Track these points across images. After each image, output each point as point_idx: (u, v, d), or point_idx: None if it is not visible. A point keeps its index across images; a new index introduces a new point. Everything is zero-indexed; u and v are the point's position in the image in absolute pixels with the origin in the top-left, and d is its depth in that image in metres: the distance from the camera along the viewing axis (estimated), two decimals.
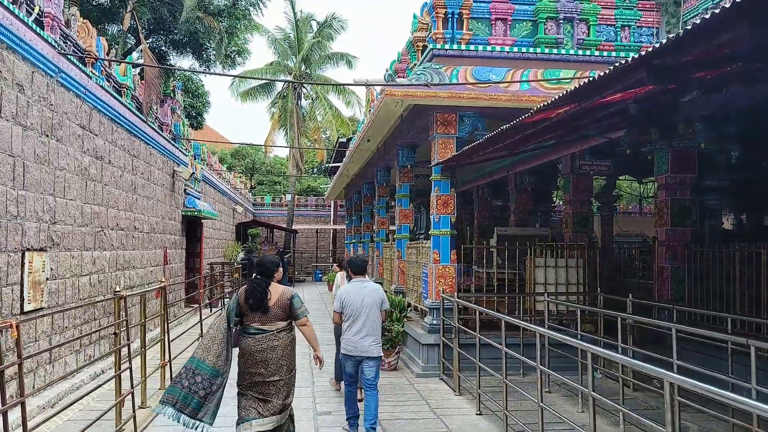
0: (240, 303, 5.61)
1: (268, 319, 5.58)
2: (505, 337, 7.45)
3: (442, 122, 10.17)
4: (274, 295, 5.61)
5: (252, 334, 5.55)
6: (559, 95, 5.84)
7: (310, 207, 42.06)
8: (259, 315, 5.56)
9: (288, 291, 5.73)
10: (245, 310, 5.60)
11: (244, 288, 5.71)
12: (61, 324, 8.64)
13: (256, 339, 5.53)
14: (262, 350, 5.51)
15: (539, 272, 10.56)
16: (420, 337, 9.98)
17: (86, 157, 9.66)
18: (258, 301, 5.55)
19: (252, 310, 5.56)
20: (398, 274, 13.58)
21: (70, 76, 8.80)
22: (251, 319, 5.57)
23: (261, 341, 5.52)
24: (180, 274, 17.16)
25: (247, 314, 5.59)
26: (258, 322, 5.57)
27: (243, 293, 5.64)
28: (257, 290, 5.58)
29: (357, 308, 6.68)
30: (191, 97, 21.12)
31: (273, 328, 5.58)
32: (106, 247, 10.66)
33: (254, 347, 5.50)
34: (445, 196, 10.26)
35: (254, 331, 5.56)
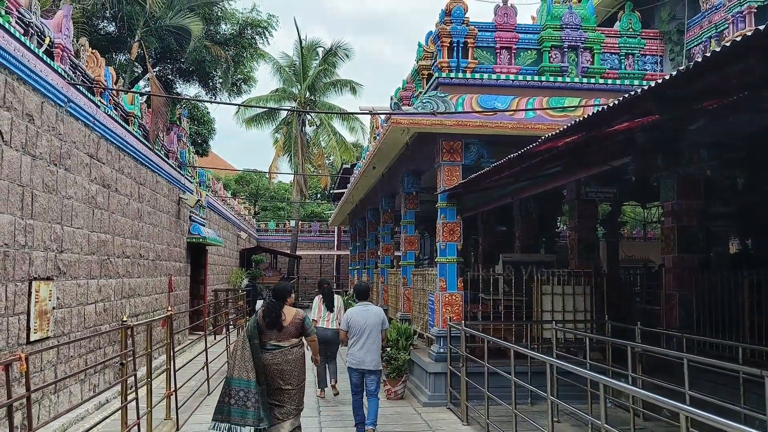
0: (259, 323, 6.58)
1: (283, 337, 6.57)
2: (514, 365, 7.38)
3: (447, 150, 10.20)
4: (288, 316, 6.63)
5: (269, 350, 6.50)
6: (567, 125, 5.88)
7: (313, 233, 42.11)
8: (275, 333, 6.55)
9: (300, 313, 6.80)
10: (263, 328, 6.56)
11: (262, 309, 6.72)
12: (67, 353, 8.60)
13: (273, 354, 6.49)
14: (278, 363, 6.47)
15: (546, 299, 10.51)
16: (427, 366, 9.91)
17: (93, 186, 9.70)
18: (273, 321, 6.53)
19: (269, 329, 6.54)
20: (404, 301, 13.52)
21: (79, 105, 8.87)
22: (268, 336, 6.55)
23: (277, 355, 6.50)
24: (185, 301, 17.13)
25: (265, 332, 6.55)
26: (274, 339, 6.55)
27: (261, 314, 6.65)
28: (273, 312, 6.58)
29: (360, 328, 7.77)
30: (197, 125, 21.25)
31: (287, 344, 6.57)
32: (112, 275, 10.66)
33: (272, 360, 6.45)
34: (451, 224, 10.26)
35: (271, 347, 6.52)
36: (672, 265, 10.17)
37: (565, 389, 8.78)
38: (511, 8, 10.76)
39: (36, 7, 7.86)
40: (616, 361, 9.54)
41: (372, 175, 15.22)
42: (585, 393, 8.68)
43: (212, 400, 9.92)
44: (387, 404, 9.84)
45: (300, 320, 6.70)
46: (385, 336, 8.49)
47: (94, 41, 14.89)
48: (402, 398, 10.21)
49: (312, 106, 37.51)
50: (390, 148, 11.69)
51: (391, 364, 10.22)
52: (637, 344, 8.02)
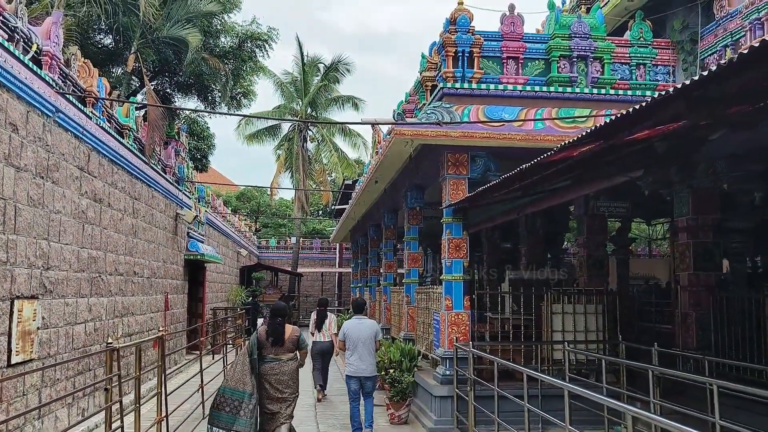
0: (260, 339, 7.40)
1: (282, 351, 7.41)
2: (527, 390, 6.93)
3: (453, 163, 9.81)
4: (287, 333, 7.48)
5: (268, 362, 7.34)
6: (577, 136, 5.49)
7: (315, 250, 41.65)
8: (275, 348, 7.38)
9: (296, 330, 7.69)
10: (264, 343, 7.38)
11: (263, 328, 7.59)
12: (53, 376, 8.16)
13: (272, 365, 7.33)
14: (276, 373, 7.31)
15: (556, 319, 10.06)
16: (432, 389, 9.44)
17: (84, 200, 9.31)
18: (277, 337, 7.38)
19: (271, 345, 7.37)
20: (407, 320, 13.06)
21: (68, 116, 8.50)
22: (268, 350, 7.37)
23: (275, 367, 7.34)
24: (182, 320, 16.67)
25: (266, 347, 7.37)
26: (273, 353, 7.37)
27: (263, 332, 7.49)
28: (278, 330, 7.41)
29: (355, 339, 8.71)
30: (196, 140, 20.92)
31: (285, 357, 7.42)
32: (104, 294, 10.23)
33: (270, 371, 7.30)
34: (457, 240, 9.84)
35: (270, 359, 7.36)
36: (688, 283, 9.74)
37: (579, 414, 8.31)
38: (517, 17, 10.41)
39: (23, 12, 7.52)
40: (630, 382, 9.11)
41: (374, 190, 14.82)
42: (600, 418, 8.22)
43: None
44: (390, 429, 9.36)
45: (296, 337, 7.59)
46: (379, 346, 9.25)
47: (90, 54, 14.57)
48: (406, 423, 9.73)
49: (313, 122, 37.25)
50: (393, 161, 11.29)
51: (394, 387, 9.75)
52: (657, 368, 7.54)
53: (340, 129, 37.23)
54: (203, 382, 10.20)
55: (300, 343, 7.59)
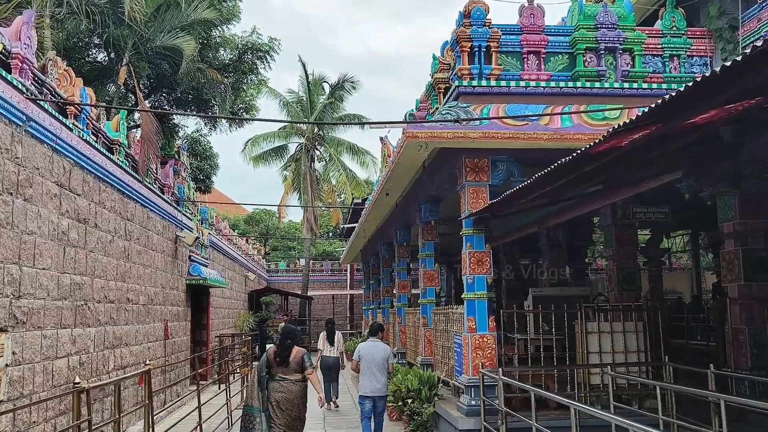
0: (269, 359, 8.03)
1: (288, 372, 7.94)
2: (557, 417, 5.92)
3: (472, 168, 8.86)
4: (293, 354, 7.99)
5: (278, 381, 7.92)
6: (633, 117, 4.55)
7: (325, 272, 40.66)
8: (283, 368, 7.94)
9: (301, 351, 8.15)
10: (273, 364, 7.99)
11: (273, 349, 8.21)
12: (27, 418, 7.19)
13: (280, 384, 7.90)
14: (283, 392, 7.86)
15: (592, 339, 9.02)
16: (456, 422, 8.40)
17: (65, 220, 8.41)
18: (284, 358, 7.95)
19: (278, 365, 7.94)
20: (424, 344, 12.04)
21: (43, 126, 7.63)
22: (276, 370, 7.95)
23: (283, 386, 7.89)
24: (184, 349, 15.70)
25: (274, 367, 7.97)
26: (281, 373, 7.94)
27: (272, 353, 8.10)
28: (285, 351, 7.99)
29: (369, 361, 9.14)
30: (199, 160, 20.10)
31: (292, 377, 7.95)
32: (91, 323, 9.29)
33: (279, 389, 7.86)
34: (480, 253, 8.86)
35: (279, 378, 7.93)
36: (738, 295, 8.70)
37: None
38: (537, 8, 9.52)
39: None
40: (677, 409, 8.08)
41: (385, 204, 13.88)
42: None
43: None
44: None
45: (301, 357, 8.05)
46: (392, 369, 9.75)
47: (81, 70, 13.80)
48: None
49: (320, 141, 36.50)
50: (405, 170, 10.36)
51: (414, 420, 8.75)
52: (726, 396, 6.47)
53: (348, 148, 36.41)
54: (202, 419, 9.20)
55: (303, 363, 8.08)
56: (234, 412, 11.89)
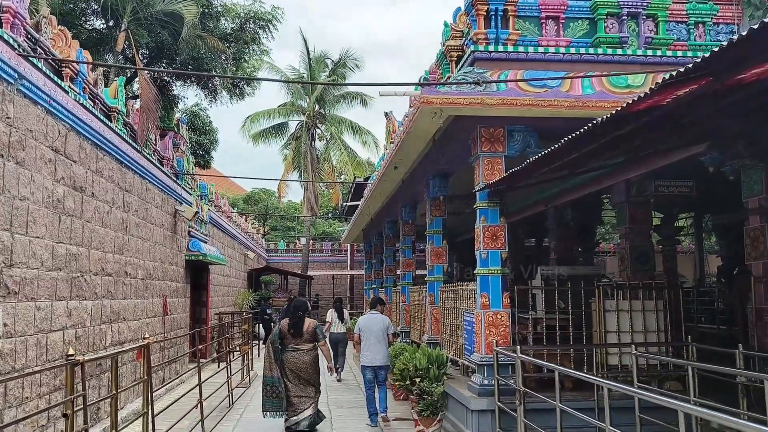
0: (282, 331, 8.76)
1: (301, 341, 8.68)
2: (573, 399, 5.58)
3: (487, 138, 8.44)
4: (305, 325, 8.72)
5: (290, 351, 8.64)
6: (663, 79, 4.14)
7: (325, 252, 40.33)
8: (297, 339, 8.66)
9: (313, 323, 8.90)
10: (286, 335, 8.70)
11: (286, 321, 8.85)
12: (19, 394, 6.83)
13: (293, 354, 8.63)
14: (296, 361, 8.61)
15: (610, 318, 8.67)
16: (468, 402, 8.05)
17: (60, 187, 8.00)
18: (298, 329, 8.66)
19: (292, 336, 8.66)
20: (431, 322, 11.69)
21: (37, 85, 7.20)
22: (289, 341, 8.68)
23: (297, 356, 8.63)
24: (183, 326, 15.36)
25: (287, 338, 8.69)
26: (294, 343, 8.67)
27: (286, 325, 8.78)
28: (298, 323, 8.70)
29: (368, 333, 9.66)
30: (198, 135, 19.62)
31: (304, 347, 8.69)
32: (88, 296, 8.92)
33: (293, 359, 8.61)
34: (494, 227, 8.46)
35: (291, 349, 8.65)
36: (763, 274, 8.33)
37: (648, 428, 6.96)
38: None
39: None
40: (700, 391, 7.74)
41: (392, 179, 13.46)
42: None
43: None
44: None
45: (313, 329, 8.82)
46: (393, 339, 10.27)
47: (79, 38, 13.29)
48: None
49: (321, 120, 35.98)
50: (416, 141, 9.92)
51: (423, 400, 8.40)
52: (764, 375, 6.10)
53: (350, 127, 35.90)
54: (202, 397, 8.86)
55: (316, 335, 8.80)
56: (235, 390, 11.57)
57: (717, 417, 3.82)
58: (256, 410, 10.78)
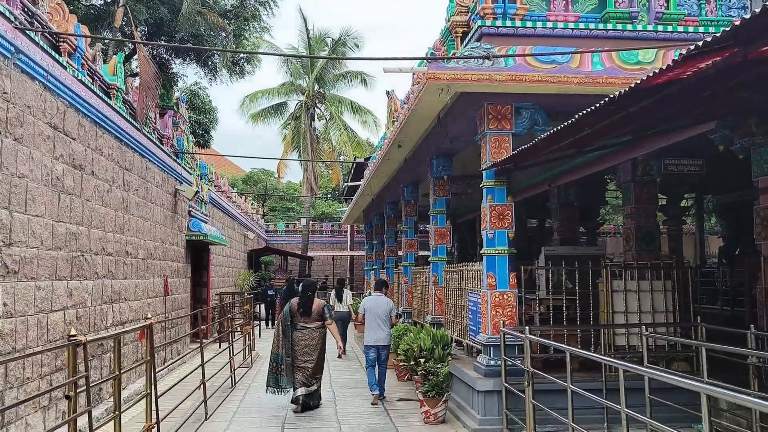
0: (292, 309, 9.09)
1: (310, 320, 9.05)
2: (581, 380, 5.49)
3: (494, 116, 8.27)
4: (314, 305, 9.12)
5: (299, 329, 9.01)
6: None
7: (325, 233, 40.20)
8: (306, 317, 9.03)
9: (322, 302, 9.32)
10: (296, 313, 9.05)
11: (296, 300, 9.22)
12: (20, 374, 6.73)
13: (302, 332, 9.00)
14: (306, 339, 8.98)
15: (618, 298, 8.57)
16: (474, 382, 7.97)
17: (59, 165, 7.84)
18: (307, 308, 9.05)
19: (301, 315, 9.03)
20: (435, 302, 11.59)
21: (34, 60, 7.01)
22: (299, 319, 9.03)
23: (305, 334, 9.00)
24: (185, 306, 15.28)
25: (297, 316, 9.04)
26: (303, 321, 9.02)
27: (295, 303, 9.13)
28: (308, 302, 9.10)
29: (373, 314, 9.87)
30: (198, 114, 19.39)
31: (312, 325, 9.07)
32: (88, 276, 8.80)
33: (301, 337, 8.97)
34: (501, 207, 8.33)
35: (301, 327, 9.02)
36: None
37: (660, 410, 6.89)
38: None
39: None
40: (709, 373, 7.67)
41: (395, 159, 13.31)
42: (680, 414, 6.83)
43: (210, 426, 8.05)
44: (426, 430, 7.93)
45: (322, 308, 9.24)
46: (396, 321, 10.67)
47: (77, 15, 13.01)
48: (443, 422, 8.28)
49: (321, 99, 35.69)
50: (420, 119, 9.76)
51: (429, 380, 8.30)
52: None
53: (350, 107, 35.62)
54: (205, 378, 8.77)
55: (324, 314, 9.20)
56: (237, 371, 11.51)
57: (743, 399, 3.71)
58: (259, 390, 10.73)
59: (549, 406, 6.59)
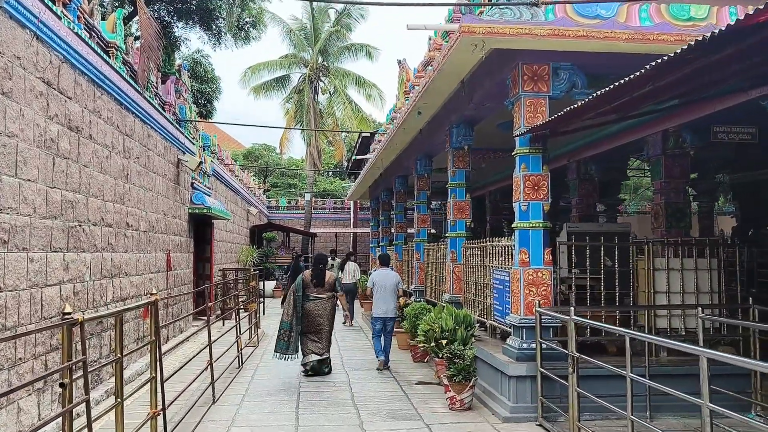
0: (305, 281, 9.72)
1: (322, 291, 9.73)
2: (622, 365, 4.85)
3: (530, 77, 7.55)
4: (327, 277, 9.84)
5: (312, 300, 9.66)
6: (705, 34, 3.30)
7: (327, 210, 39.48)
8: (318, 288, 9.70)
9: (333, 275, 10.12)
10: (308, 284, 9.69)
11: (309, 272, 9.91)
12: (11, 354, 6.09)
13: (314, 303, 9.66)
14: (317, 309, 9.64)
15: (660, 277, 7.93)
16: (506, 367, 7.34)
17: (54, 125, 7.14)
18: (320, 280, 9.72)
19: (314, 286, 9.69)
20: (453, 280, 10.96)
21: (24, 5, 6.28)
22: (311, 290, 9.69)
23: (317, 304, 9.67)
24: (187, 282, 14.63)
25: (309, 287, 9.68)
26: (315, 292, 9.69)
27: (308, 275, 9.82)
28: (320, 274, 9.78)
29: (382, 287, 10.37)
30: (200, 83, 18.60)
31: (324, 296, 9.74)
32: (86, 248, 8.13)
33: (313, 307, 9.62)
34: (536, 176, 7.64)
35: (313, 298, 9.66)
36: None
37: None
38: None
39: None
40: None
41: (411, 129, 12.58)
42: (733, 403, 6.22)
43: (219, 411, 7.43)
44: (452, 418, 7.33)
45: (334, 281, 9.99)
46: (401, 293, 11.00)
47: None
48: (470, 409, 7.67)
49: (325, 72, 34.78)
50: (447, 81, 9.00)
51: (454, 364, 7.68)
52: None
53: (355, 80, 34.71)
54: (213, 358, 8.15)
55: (336, 286, 10.03)
56: (243, 350, 10.90)
57: None
58: (267, 371, 10.15)
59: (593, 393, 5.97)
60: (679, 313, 7.85)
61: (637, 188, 29.45)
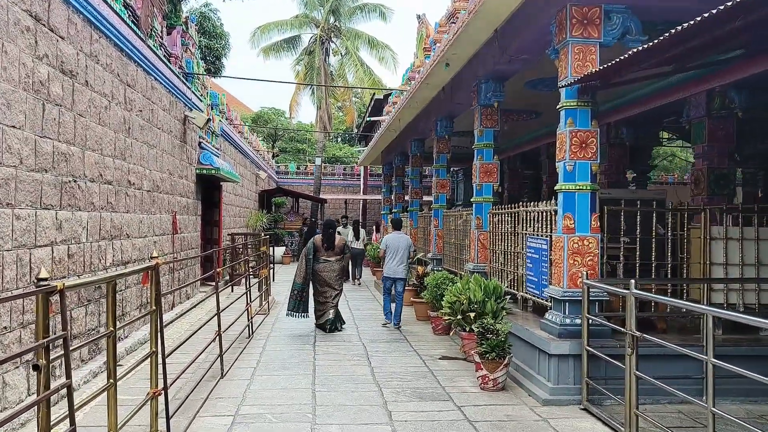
0: (316, 244, 10.56)
1: (332, 254, 10.57)
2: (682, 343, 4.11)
3: (579, 20, 6.68)
4: (337, 240, 10.65)
5: (322, 262, 10.49)
6: None
7: (337, 176, 38.64)
8: (329, 252, 10.55)
9: (342, 239, 10.90)
10: (319, 247, 10.54)
11: (319, 236, 10.72)
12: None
13: (324, 265, 10.49)
14: (327, 270, 10.46)
15: (716, 247, 7.14)
16: (547, 345, 6.59)
17: (43, 67, 6.34)
18: (331, 243, 10.54)
19: (325, 249, 10.53)
20: (478, 249, 10.20)
21: None
22: (321, 253, 10.54)
23: (327, 266, 10.50)
24: (195, 246, 13.94)
25: (320, 250, 10.55)
26: (325, 255, 10.54)
27: (319, 239, 10.63)
28: (330, 237, 10.58)
29: (394, 250, 10.95)
30: (208, 38, 17.68)
31: (333, 258, 10.56)
32: (83, 207, 7.39)
33: (323, 269, 10.47)
34: (584, 132, 6.80)
35: (323, 260, 10.51)
36: None
37: None
38: None
39: None
40: None
41: (434, 85, 11.71)
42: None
43: (227, 387, 6.73)
44: (485, 400, 6.61)
45: (343, 244, 10.76)
46: (412, 255, 11.60)
47: None
48: (503, 389, 6.95)
49: (336, 33, 33.69)
50: (482, 25, 8.10)
51: (487, 340, 6.95)
52: None
53: (367, 41, 33.61)
54: (221, 329, 7.44)
55: (345, 249, 10.76)
56: (254, 318, 10.23)
57: None
58: (279, 341, 9.50)
59: (650, 375, 5.23)
60: (737, 287, 7.08)
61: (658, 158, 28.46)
